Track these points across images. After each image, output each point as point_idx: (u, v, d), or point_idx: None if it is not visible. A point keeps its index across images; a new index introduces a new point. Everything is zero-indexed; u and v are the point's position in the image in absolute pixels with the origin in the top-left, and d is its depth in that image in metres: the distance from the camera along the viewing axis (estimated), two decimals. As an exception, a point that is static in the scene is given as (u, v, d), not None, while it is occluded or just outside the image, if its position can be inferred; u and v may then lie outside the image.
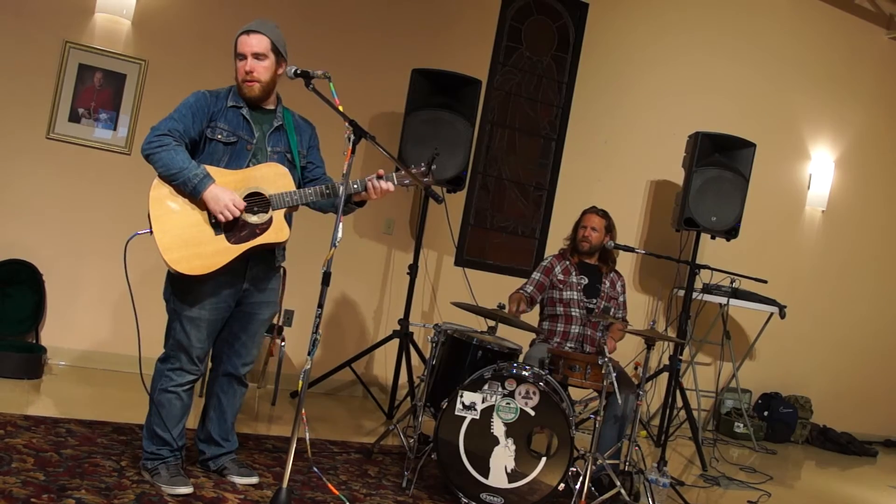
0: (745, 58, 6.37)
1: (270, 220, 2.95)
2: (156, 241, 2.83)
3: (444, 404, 3.36)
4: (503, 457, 3.31)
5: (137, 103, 4.66)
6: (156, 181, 2.87)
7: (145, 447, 3.01)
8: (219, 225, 2.89)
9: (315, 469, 3.29)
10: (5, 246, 4.45)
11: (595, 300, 4.23)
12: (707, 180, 5.34)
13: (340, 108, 2.81)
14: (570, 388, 3.82)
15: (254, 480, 3.16)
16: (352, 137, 2.82)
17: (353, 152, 2.82)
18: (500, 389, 3.33)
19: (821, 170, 6.76)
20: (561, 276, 4.26)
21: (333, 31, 5.14)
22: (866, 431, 7.04)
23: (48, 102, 4.51)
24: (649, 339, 3.77)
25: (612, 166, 6.01)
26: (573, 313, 4.19)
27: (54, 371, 4.45)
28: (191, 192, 2.83)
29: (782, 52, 6.52)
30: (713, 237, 5.56)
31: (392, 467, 3.75)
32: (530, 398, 3.32)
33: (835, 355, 6.95)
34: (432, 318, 5.49)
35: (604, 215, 4.34)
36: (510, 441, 3.31)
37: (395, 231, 5.41)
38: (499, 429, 3.32)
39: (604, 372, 3.45)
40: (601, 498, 3.52)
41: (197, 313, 2.94)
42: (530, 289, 4.26)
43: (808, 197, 6.78)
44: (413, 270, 4.99)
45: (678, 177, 5.62)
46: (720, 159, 5.41)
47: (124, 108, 4.65)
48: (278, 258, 3.12)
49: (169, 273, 2.93)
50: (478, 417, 3.33)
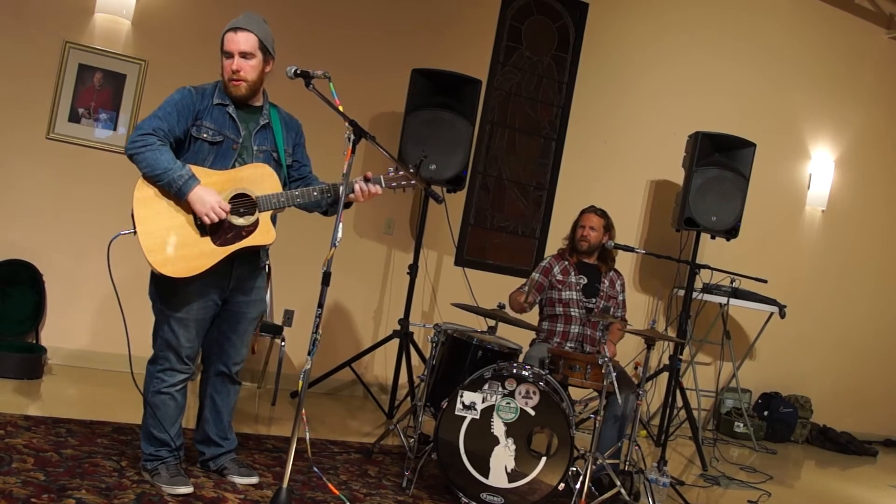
0: (745, 57, 6.37)
1: (257, 222, 2.91)
2: (140, 243, 2.78)
3: (445, 404, 3.36)
4: (503, 456, 3.31)
5: (137, 103, 4.66)
6: (140, 181, 2.83)
7: (144, 449, 3.01)
8: (204, 227, 2.85)
9: (315, 469, 3.29)
10: (5, 246, 4.45)
11: (594, 300, 4.22)
12: (707, 180, 5.34)
13: (340, 108, 2.81)
14: (571, 388, 3.82)
15: (254, 480, 3.16)
16: (352, 137, 2.81)
17: (353, 152, 2.82)
18: (500, 389, 3.33)
19: (821, 169, 6.76)
20: (560, 277, 4.26)
21: (333, 30, 5.14)
22: (866, 431, 7.04)
23: (48, 102, 4.51)
24: (649, 339, 3.77)
25: (613, 166, 6.01)
26: (572, 313, 4.19)
27: (54, 371, 4.45)
28: (175, 193, 2.80)
29: (782, 52, 6.52)
30: (713, 237, 5.56)
31: (392, 467, 3.75)
32: (530, 398, 3.32)
33: (835, 355, 6.95)
34: (432, 318, 5.49)
35: (602, 215, 4.34)
36: (510, 441, 3.31)
37: (396, 231, 5.41)
38: (499, 428, 3.32)
39: (604, 372, 3.45)
40: (601, 498, 3.52)
41: (184, 313, 2.92)
42: (529, 289, 4.25)
43: (808, 197, 6.78)
44: (413, 270, 4.99)
45: (678, 176, 5.62)
46: (720, 159, 5.41)
47: (124, 108, 4.65)
48: (262, 259, 3.10)
49: (153, 273, 2.89)
50: (478, 417, 3.33)
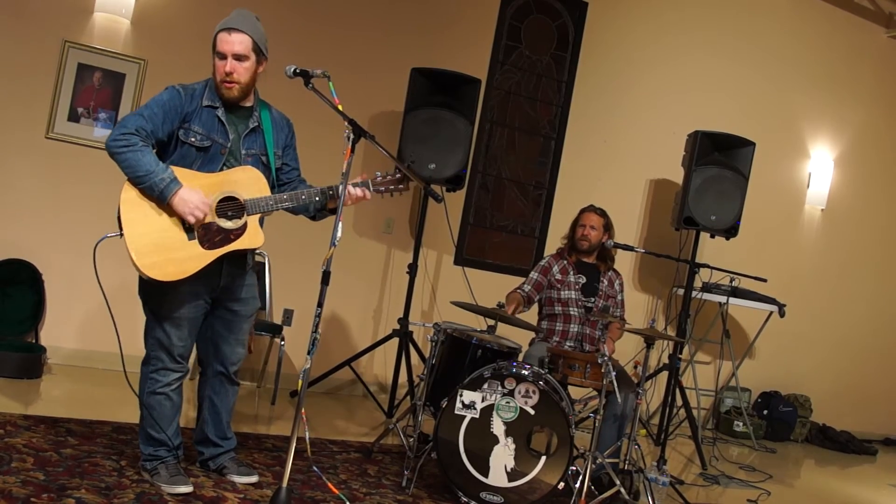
0: (745, 56, 6.37)
1: (245, 225, 2.89)
2: (127, 246, 2.75)
3: (444, 403, 3.36)
4: (503, 456, 3.31)
5: (137, 103, 4.65)
6: (127, 184, 2.79)
7: (142, 449, 3.01)
8: (192, 230, 2.82)
9: (315, 468, 3.29)
10: (5, 245, 4.44)
11: (593, 299, 4.23)
12: (706, 179, 5.34)
13: (340, 108, 2.80)
14: (570, 387, 3.82)
15: (253, 479, 3.16)
16: (351, 137, 2.80)
17: (353, 151, 2.81)
18: (499, 388, 3.33)
19: (820, 168, 6.76)
20: (559, 276, 4.26)
21: (333, 29, 5.14)
22: (866, 430, 7.04)
23: (47, 102, 4.51)
24: (649, 338, 3.77)
25: (612, 165, 6.01)
26: (571, 312, 4.19)
27: (54, 371, 4.45)
28: (157, 196, 2.76)
29: (782, 51, 6.52)
30: (713, 236, 5.56)
31: (392, 466, 3.75)
32: (530, 397, 3.32)
33: (834, 354, 6.95)
34: (432, 318, 5.49)
35: (602, 214, 4.34)
36: (510, 440, 3.31)
37: (395, 230, 5.41)
38: (498, 428, 3.32)
39: (603, 371, 3.46)
40: (601, 497, 3.52)
41: (175, 313, 2.91)
42: (528, 288, 4.25)
43: (807, 195, 6.78)
44: (412, 269, 4.99)
45: (678, 175, 5.62)
46: (720, 158, 5.41)
47: (124, 107, 4.65)
48: (249, 262, 3.08)
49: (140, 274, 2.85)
50: (477, 416, 3.33)
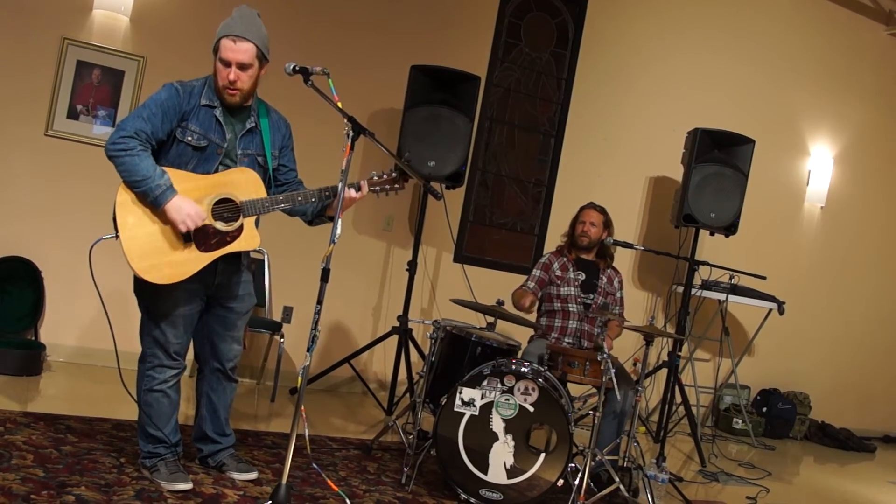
0: (745, 54, 6.37)
1: (241, 227, 2.89)
2: (123, 249, 2.75)
3: (444, 400, 3.36)
4: (502, 453, 3.31)
5: (136, 100, 4.65)
6: (122, 186, 2.79)
7: (141, 447, 3.01)
8: (188, 232, 2.81)
9: (314, 465, 3.29)
10: (4, 243, 4.44)
11: (592, 296, 4.23)
12: (706, 176, 5.34)
13: (339, 105, 2.79)
14: (569, 385, 3.83)
15: (253, 476, 3.16)
16: (350, 134, 2.80)
17: (352, 149, 2.81)
18: (499, 386, 3.33)
19: (820, 166, 6.76)
20: (559, 273, 4.26)
21: (332, 27, 5.13)
22: (865, 427, 7.05)
23: (46, 99, 4.50)
24: (648, 336, 3.77)
25: (612, 162, 6.01)
26: (570, 309, 4.20)
27: (53, 368, 4.45)
28: (152, 202, 2.76)
29: (782, 49, 6.51)
30: (712, 233, 5.56)
31: (391, 463, 3.75)
32: (529, 394, 3.33)
33: (833, 351, 6.96)
34: (431, 315, 5.49)
35: (602, 211, 4.35)
36: (509, 437, 3.32)
37: (395, 227, 5.41)
38: (498, 425, 3.32)
39: (603, 368, 3.46)
40: (600, 494, 3.53)
41: (171, 311, 2.90)
42: (532, 285, 4.27)
43: (807, 193, 6.78)
44: (412, 267, 4.99)
45: (677, 173, 5.62)
46: (719, 155, 5.41)
47: (123, 104, 4.64)
48: (244, 260, 3.08)
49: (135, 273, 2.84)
50: (477, 414, 3.33)
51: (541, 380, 3.36)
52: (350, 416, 4.73)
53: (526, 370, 3.37)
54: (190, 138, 2.87)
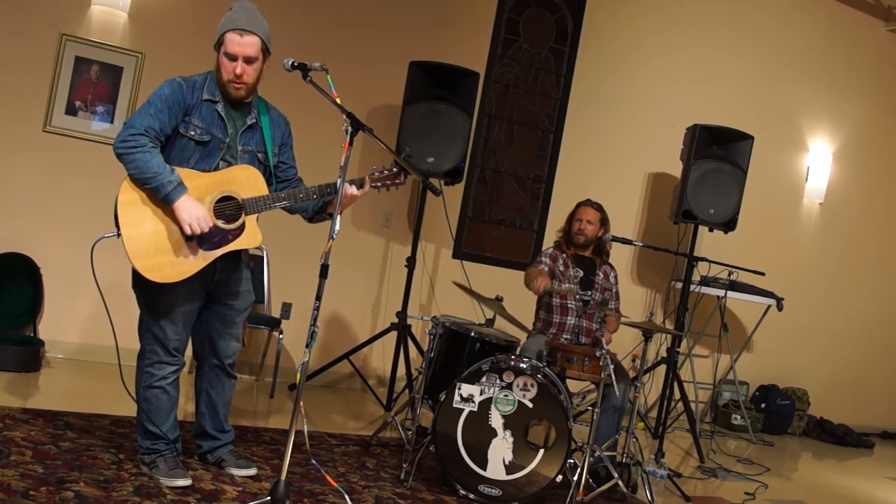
0: (744, 50, 6.36)
1: (243, 225, 2.89)
2: (125, 248, 2.75)
3: (442, 396, 3.37)
4: (501, 449, 3.32)
5: (134, 96, 4.64)
6: (124, 184, 2.78)
7: (140, 444, 3.01)
8: None
9: (313, 461, 3.29)
10: (3, 240, 4.44)
11: (590, 292, 4.24)
12: (705, 172, 5.34)
13: (338, 101, 2.79)
14: (568, 381, 3.83)
15: (252, 472, 3.16)
16: (349, 130, 2.79)
17: (351, 145, 2.80)
18: (497, 382, 3.33)
19: (819, 162, 6.76)
20: (561, 268, 4.27)
21: (331, 23, 5.12)
22: (863, 423, 7.06)
23: (45, 95, 4.49)
24: (647, 332, 3.78)
25: (610, 159, 6.01)
26: (569, 305, 4.20)
27: (52, 364, 4.45)
28: (163, 198, 2.75)
29: (780, 45, 6.51)
30: (711, 229, 5.56)
31: (390, 459, 3.76)
32: (528, 390, 3.33)
33: (832, 347, 6.97)
34: (430, 311, 5.49)
35: (598, 208, 4.35)
36: (508, 433, 3.32)
37: (393, 224, 5.41)
38: (497, 421, 3.33)
39: (601, 364, 3.46)
40: (599, 490, 3.53)
41: (170, 308, 2.90)
42: (545, 269, 4.23)
43: (805, 189, 6.79)
44: (411, 263, 4.99)
45: (676, 169, 5.62)
46: (718, 152, 5.41)
47: (121, 100, 4.64)
48: (244, 258, 3.07)
49: (136, 271, 2.83)
50: (476, 410, 3.33)
51: (539, 376, 3.37)
52: (349, 412, 4.74)
53: (525, 366, 3.38)
54: (193, 133, 2.87)
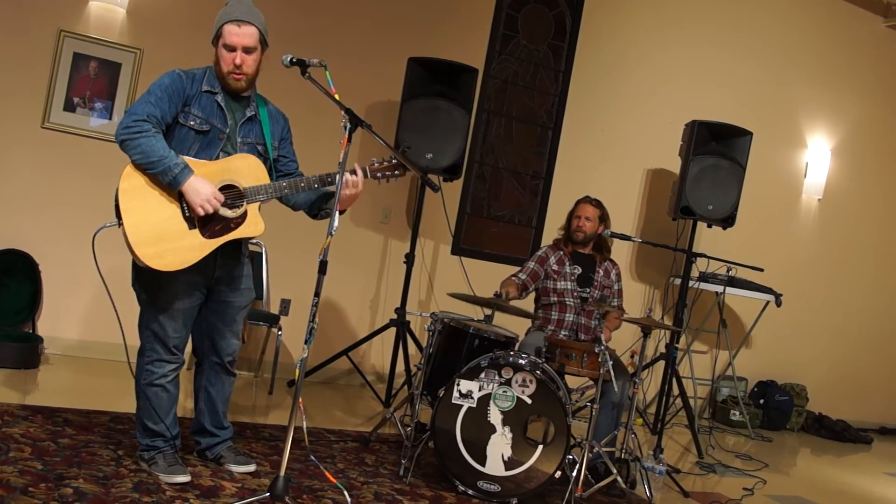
0: (742, 46, 6.36)
1: (245, 213, 2.89)
2: (126, 236, 2.73)
3: (441, 393, 3.37)
4: (500, 445, 3.32)
5: (133, 92, 4.64)
6: (125, 173, 2.77)
7: (140, 440, 3.01)
8: (192, 219, 2.81)
9: (312, 457, 3.30)
10: (1, 236, 4.44)
11: (588, 289, 4.23)
12: (704, 169, 5.34)
13: (336, 97, 2.79)
14: (567, 376, 3.83)
15: (251, 468, 3.17)
16: (348, 126, 2.79)
17: (350, 141, 2.80)
18: (496, 378, 3.34)
19: (817, 158, 6.76)
20: (555, 267, 4.26)
21: (329, 19, 5.12)
22: (861, 419, 7.07)
23: (43, 92, 4.49)
24: (646, 328, 3.78)
25: (609, 155, 6.00)
26: (567, 302, 4.20)
27: (51, 361, 4.45)
28: (170, 182, 2.74)
29: (779, 41, 6.50)
30: (710, 225, 5.56)
31: (389, 455, 3.76)
32: (527, 386, 3.33)
33: (831, 343, 6.98)
34: (429, 307, 5.50)
35: (597, 205, 4.35)
36: (507, 429, 3.32)
37: (392, 220, 5.41)
38: (495, 417, 3.33)
39: (600, 360, 3.46)
40: (597, 485, 3.54)
41: (170, 304, 2.90)
42: (523, 276, 4.26)
43: (804, 185, 6.79)
44: (409, 259, 4.99)
45: (675, 165, 5.62)
46: (717, 148, 5.41)
47: (119, 96, 4.63)
48: (244, 251, 3.07)
49: (136, 265, 2.84)
50: (474, 406, 3.33)
51: (538, 372, 3.37)
52: (348, 408, 4.74)
53: (523, 362, 3.38)
54: (192, 122, 2.87)
